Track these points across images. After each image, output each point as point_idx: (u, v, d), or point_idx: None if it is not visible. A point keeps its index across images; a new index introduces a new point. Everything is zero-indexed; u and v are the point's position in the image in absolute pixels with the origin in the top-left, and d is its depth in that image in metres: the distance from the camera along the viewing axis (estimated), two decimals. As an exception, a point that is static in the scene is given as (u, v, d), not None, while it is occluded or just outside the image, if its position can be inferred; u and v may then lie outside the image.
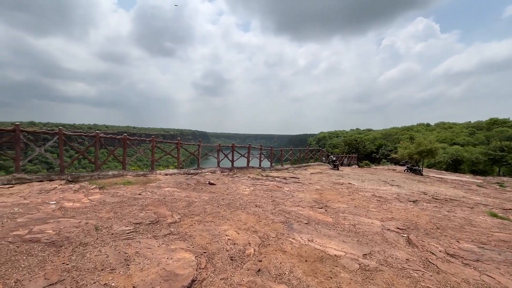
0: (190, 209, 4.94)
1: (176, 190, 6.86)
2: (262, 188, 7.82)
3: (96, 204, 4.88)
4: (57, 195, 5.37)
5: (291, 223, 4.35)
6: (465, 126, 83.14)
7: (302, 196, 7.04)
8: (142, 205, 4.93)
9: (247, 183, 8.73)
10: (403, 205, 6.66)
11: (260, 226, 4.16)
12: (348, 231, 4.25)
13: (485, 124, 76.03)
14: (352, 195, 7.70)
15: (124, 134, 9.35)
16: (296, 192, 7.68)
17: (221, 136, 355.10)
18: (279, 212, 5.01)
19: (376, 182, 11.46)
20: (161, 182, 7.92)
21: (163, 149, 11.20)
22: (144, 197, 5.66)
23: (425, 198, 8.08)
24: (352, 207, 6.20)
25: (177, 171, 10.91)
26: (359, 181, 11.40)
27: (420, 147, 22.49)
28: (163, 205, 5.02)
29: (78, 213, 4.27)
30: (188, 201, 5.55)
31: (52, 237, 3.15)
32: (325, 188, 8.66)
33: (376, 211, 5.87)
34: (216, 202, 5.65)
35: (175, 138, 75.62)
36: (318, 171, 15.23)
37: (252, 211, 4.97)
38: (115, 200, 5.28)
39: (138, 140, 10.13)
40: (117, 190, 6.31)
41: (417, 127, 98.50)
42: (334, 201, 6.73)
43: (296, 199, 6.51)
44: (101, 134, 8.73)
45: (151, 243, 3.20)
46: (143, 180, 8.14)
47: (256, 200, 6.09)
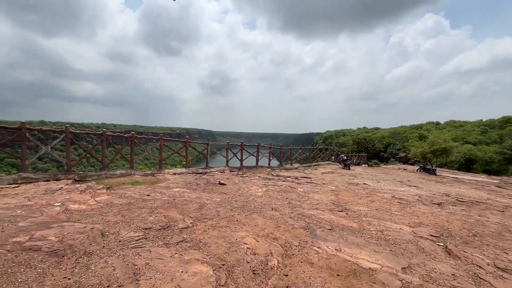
0: (202, 212, 4.60)
1: (186, 190, 6.55)
2: (275, 189, 7.45)
3: (103, 206, 4.59)
4: (63, 196, 5.11)
5: (313, 229, 3.97)
6: (476, 125, 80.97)
7: (318, 198, 6.64)
8: (151, 208, 4.62)
9: (258, 184, 8.37)
10: (428, 208, 6.20)
11: (279, 232, 3.79)
12: (376, 238, 3.84)
13: (497, 123, 73.81)
14: (371, 197, 7.25)
15: (132, 133, 9.10)
16: (311, 193, 7.28)
17: (226, 135, 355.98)
18: (298, 216, 4.63)
19: (392, 183, 10.96)
20: (170, 182, 7.62)
21: (171, 148, 10.93)
22: (153, 199, 5.35)
23: (449, 200, 7.58)
24: (374, 210, 5.77)
25: (186, 170, 10.63)
26: (374, 182, 10.91)
27: (434, 146, 21.75)
28: (173, 208, 4.69)
29: (84, 216, 3.98)
30: (200, 203, 5.21)
31: (54, 245, 2.84)
32: (340, 189, 8.23)
33: (400, 215, 5.44)
34: (229, 204, 5.30)
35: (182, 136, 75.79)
36: (330, 171, 14.76)
37: (269, 215, 4.60)
38: (122, 201, 4.98)
39: (145, 138, 9.87)
40: (124, 191, 6.03)
41: (426, 125, 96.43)
42: (353, 204, 6.31)
43: (313, 201, 6.11)
44: (109, 133, 8.49)
45: (163, 253, 2.86)
46: (152, 180, 7.86)
47: (271, 202, 5.72)
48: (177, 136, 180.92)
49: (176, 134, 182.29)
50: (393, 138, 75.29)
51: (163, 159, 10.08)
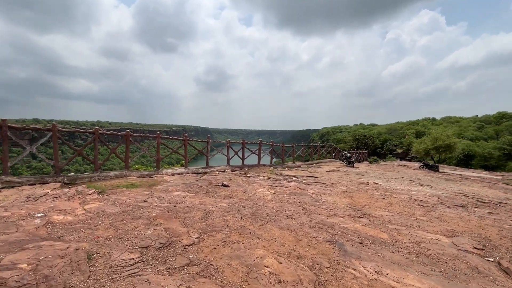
0: (209, 222, 3.99)
1: (187, 194, 5.92)
2: (284, 191, 6.86)
3: (93, 216, 3.95)
4: (47, 204, 4.45)
5: (341, 243, 3.38)
6: (472, 120, 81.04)
7: (332, 201, 6.06)
8: (149, 218, 3.99)
9: (264, 185, 7.77)
10: (454, 212, 5.66)
11: (302, 248, 3.20)
12: (416, 253, 3.27)
13: (493, 118, 73.98)
14: (387, 199, 6.71)
15: (127, 130, 8.42)
16: (323, 195, 6.71)
17: (223, 132, 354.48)
18: (318, 226, 4.03)
19: (402, 182, 10.44)
20: (169, 185, 6.98)
21: (168, 146, 10.26)
22: (151, 205, 4.72)
23: (470, 201, 7.07)
24: (396, 215, 5.22)
25: (185, 170, 9.99)
26: (383, 181, 10.39)
27: (437, 142, 21.35)
28: (174, 217, 4.07)
29: (69, 231, 3.34)
30: (204, 210, 4.60)
31: (24, 276, 2.21)
32: (352, 190, 7.67)
33: (428, 221, 4.89)
34: (237, 211, 4.69)
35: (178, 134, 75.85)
36: (334, 169, 14.22)
37: (285, 225, 4.00)
38: (116, 209, 4.34)
39: (141, 136, 9.20)
40: (119, 196, 5.38)
41: (423, 121, 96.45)
42: (371, 207, 5.75)
43: (329, 206, 5.53)
44: (101, 131, 7.80)
45: (166, 284, 2.25)
46: (149, 182, 7.22)
47: (283, 207, 5.12)
48: (173, 133, 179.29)
49: (173, 132, 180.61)
50: (390, 134, 75.14)
51: (160, 159, 9.42)
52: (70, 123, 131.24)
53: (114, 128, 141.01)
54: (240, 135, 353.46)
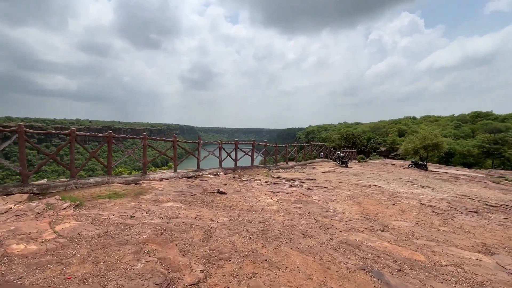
0: (212, 245, 3.29)
1: (180, 206, 5.17)
2: (287, 199, 6.25)
3: (65, 243, 3.14)
4: (6, 226, 3.57)
5: (378, 272, 2.79)
6: (450, 119, 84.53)
7: (342, 209, 5.53)
8: (138, 242, 3.23)
9: (264, 191, 7.13)
10: (472, 220, 5.29)
11: (335, 281, 2.58)
12: (466, 282, 2.75)
13: (469, 117, 77.51)
14: (397, 204, 6.27)
15: (109, 131, 7.47)
16: (330, 202, 6.16)
17: (209, 130, 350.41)
18: (342, 247, 3.44)
19: (402, 183, 10.16)
20: (158, 193, 6.18)
21: (156, 149, 9.36)
22: (139, 223, 3.95)
23: (478, 205, 6.78)
24: (415, 225, 4.75)
25: (174, 174, 9.15)
26: (383, 182, 10.05)
27: (425, 141, 21.65)
28: (170, 241, 3.33)
29: (31, 268, 2.54)
30: (204, 228, 3.89)
31: None
32: (357, 195, 7.20)
33: (451, 232, 4.45)
34: (243, 227, 4.02)
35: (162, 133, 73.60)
36: (329, 170, 13.82)
37: (305, 246, 3.38)
38: (96, 231, 3.54)
39: (126, 138, 8.26)
40: (99, 210, 4.54)
41: (404, 120, 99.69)
42: (385, 216, 5.27)
43: (342, 216, 4.97)
44: (79, 132, 6.83)
45: None
46: (135, 190, 6.37)
47: (294, 221, 4.50)
48: (157, 132, 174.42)
49: (157, 130, 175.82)
50: (373, 133, 76.91)
51: (147, 162, 8.53)
52: (47, 121, 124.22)
53: (95, 127, 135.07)
54: (226, 134, 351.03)
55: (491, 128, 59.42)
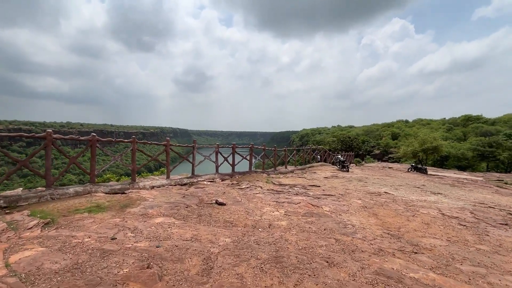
0: (215, 282, 2.52)
1: (173, 221, 4.38)
2: (295, 211, 5.51)
3: (16, 285, 2.32)
4: None
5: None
6: (441, 123, 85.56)
7: (359, 223, 4.82)
8: (116, 282, 2.44)
9: (267, 200, 6.38)
10: (508, 235, 4.65)
11: None
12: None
13: (460, 121, 78.56)
14: (417, 216, 5.61)
15: (92, 134, 6.63)
16: (344, 214, 5.45)
17: (203, 133, 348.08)
18: (381, 280, 2.70)
19: (410, 189, 9.55)
20: (148, 205, 5.36)
21: (146, 153, 8.52)
22: (121, 248, 3.15)
23: (502, 214, 6.18)
24: (447, 242, 4.08)
25: (167, 181, 8.32)
26: (391, 189, 9.43)
27: (425, 145, 21.30)
28: (158, 279, 2.54)
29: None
30: (203, 254, 3.12)
31: None
32: (370, 204, 6.52)
33: (493, 252, 3.78)
34: (251, 251, 3.26)
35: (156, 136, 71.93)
36: (331, 175, 13.16)
37: (334, 281, 2.64)
38: (62, 263, 2.73)
39: (112, 141, 7.39)
40: (73, 231, 3.72)
41: (397, 123, 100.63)
42: (409, 231, 4.59)
43: (364, 233, 4.26)
44: (56, 135, 5.97)
45: None
46: (121, 202, 5.54)
47: (310, 241, 3.76)
48: (150, 135, 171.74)
49: (150, 134, 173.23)
50: (367, 136, 77.18)
51: (136, 169, 7.68)
52: (36, 124, 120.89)
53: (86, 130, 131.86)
54: (220, 137, 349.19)
55: (482, 131, 60.18)
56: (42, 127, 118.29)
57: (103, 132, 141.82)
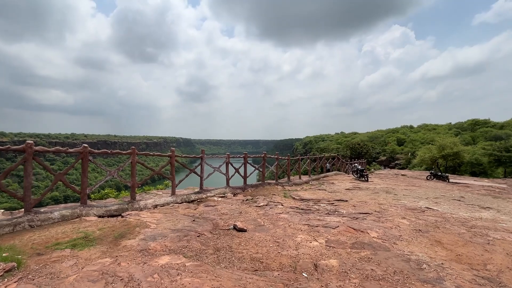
0: None
1: (183, 262, 3.20)
2: (338, 239, 4.30)
3: None
4: None
5: None
6: (448, 127, 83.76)
7: (427, 258, 3.60)
8: None
9: (296, 223, 5.18)
10: None
11: None
12: None
13: (467, 125, 76.80)
14: (494, 244, 4.36)
15: (84, 146, 5.54)
16: (399, 242, 4.23)
17: (206, 142, 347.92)
18: None
19: (452, 203, 8.26)
20: (150, 234, 4.20)
21: (147, 166, 7.41)
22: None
23: None
24: None
25: (172, 198, 7.17)
26: (429, 202, 8.17)
27: (444, 150, 19.97)
28: None
29: None
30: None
31: None
32: (421, 226, 5.28)
33: None
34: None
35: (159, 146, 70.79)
36: (353, 186, 11.90)
37: None
38: None
39: (108, 153, 6.29)
40: (40, 287, 2.57)
41: (402, 129, 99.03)
42: (502, 269, 3.36)
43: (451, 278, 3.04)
44: (38, 147, 4.89)
45: None
46: (116, 230, 4.40)
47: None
48: (154, 145, 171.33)
49: (153, 144, 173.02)
50: (372, 142, 75.80)
51: (137, 185, 6.55)
52: (41, 135, 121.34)
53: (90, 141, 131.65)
54: (223, 146, 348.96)
55: (491, 136, 58.45)
56: (47, 138, 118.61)
57: (106, 142, 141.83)
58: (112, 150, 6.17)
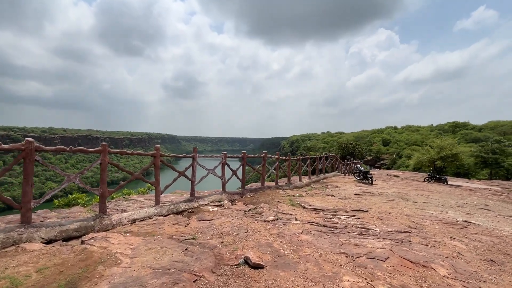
0: None
1: None
2: (402, 284, 2.96)
3: None
4: None
5: None
6: (429, 129, 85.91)
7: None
8: None
9: (327, 250, 3.79)
10: None
11: None
12: None
13: (447, 127, 79.03)
14: None
15: (27, 140, 3.88)
16: (482, 283, 2.96)
17: (192, 139, 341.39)
18: None
19: (483, 213, 7.21)
20: (118, 280, 2.67)
21: (124, 170, 5.76)
22: None
23: None
24: None
25: (156, 210, 5.59)
26: (459, 213, 7.06)
27: (442, 152, 19.40)
28: None
29: None
30: None
31: None
32: (486, 252, 4.07)
33: None
34: None
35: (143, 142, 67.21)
36: (361, 190, 10.71)
37: None
38: None
39: (67, 150, 4.60)
40: None
41: (387, 130, 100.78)
42: None
43: None
44: None
45: None
46: (64, 273, 2.82)
47: None
48: (138, 141, 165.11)
49: (137, 140, 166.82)
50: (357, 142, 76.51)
51: (108, 194, 4.91)
52: (15, 129, 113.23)
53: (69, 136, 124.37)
54: (210, 143, 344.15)
55: (471, 138, 60.13)
56: (23, 132, 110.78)
57: (87, 137, 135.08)
58: (72, 148, 4.49)
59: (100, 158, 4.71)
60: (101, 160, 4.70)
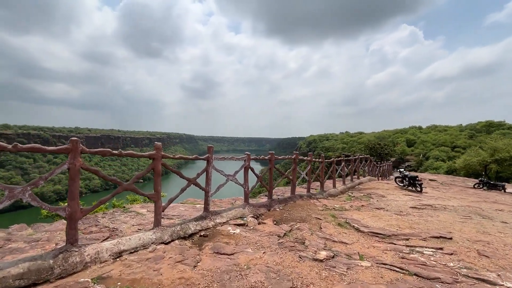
0: None
1: None
2: None
3: None
4: None
5: None
6: (459, 129, 79.37)
7: None
8: None
9: None
10: None
11: None
12: None
13: (480, 127, 72.63)
14: None
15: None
16: None
17: (209, 139, 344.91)
18: None
19: None
20: None
21: (108, 178, 4.18)
22: None
23: None
24: None
25: (154, 235, 3.92)
26: None
27: (498, 154, 16.51)
28: None
29: None
30: None
31: None
32: None
33: None
34: None
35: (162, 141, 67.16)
36: (415, 201, 8.56)
37: None
38: None
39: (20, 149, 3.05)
40: None
41: (411, 129, 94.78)
42: None
43: None
44: None
45: None
46: None
47: None
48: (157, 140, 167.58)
49: (157, 139, 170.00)
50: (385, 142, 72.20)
51: (82, 213, 3.30)
52: (45, 129, 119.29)
53: (93, 135, 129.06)
54: (226, 143, 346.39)
55: (510, 139, 54.49)
56: (51, 132, 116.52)
57: (110, 137, 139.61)
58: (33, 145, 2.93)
59: (67, 162, 3.09)
60: (68, 164, 3.09)
